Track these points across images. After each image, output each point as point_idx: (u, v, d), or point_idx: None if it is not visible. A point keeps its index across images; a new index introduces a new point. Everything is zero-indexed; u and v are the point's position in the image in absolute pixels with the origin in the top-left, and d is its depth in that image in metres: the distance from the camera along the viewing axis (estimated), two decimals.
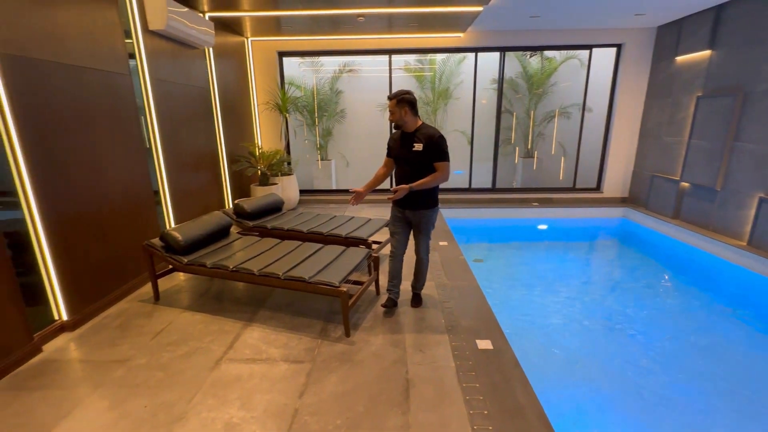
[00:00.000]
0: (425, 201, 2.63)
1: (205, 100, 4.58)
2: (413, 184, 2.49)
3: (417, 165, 2.54)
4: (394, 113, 2.52)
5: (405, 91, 2.52)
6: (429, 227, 2.72)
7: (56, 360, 2.34)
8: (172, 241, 2.88)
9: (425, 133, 2.52)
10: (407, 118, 2.52)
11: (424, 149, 2.49)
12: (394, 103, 2.50)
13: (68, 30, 2.63)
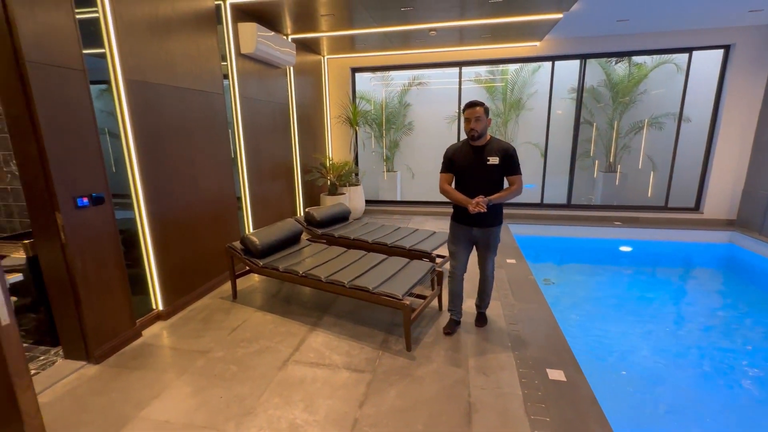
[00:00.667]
0: (496, 217, 2.54)
1: (283, 114, 4.95)
2: (492, 197, 2.38)
3: (489, 179, 2.44)
4: (481, 122, 2.35)
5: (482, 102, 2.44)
6: (496, 244, 2.62)
7: (152, 345, 2.65)
8: (250, 245, 3.13)
9: (499, 146, 2.42)
10: (487, 130, 2.44)
11: (500, 163, 2.39)
12: (481, 111, 2.35)
13: (177, 57, 3.03)
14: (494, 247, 2.62)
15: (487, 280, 2.71)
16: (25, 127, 2.07)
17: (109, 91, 2.59)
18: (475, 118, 2.35)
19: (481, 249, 2.63)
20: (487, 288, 2.74)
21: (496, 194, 2.41)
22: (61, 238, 2.20)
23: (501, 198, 2.41)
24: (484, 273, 2.69)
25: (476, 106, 2.36)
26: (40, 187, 2.15)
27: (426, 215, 6.44)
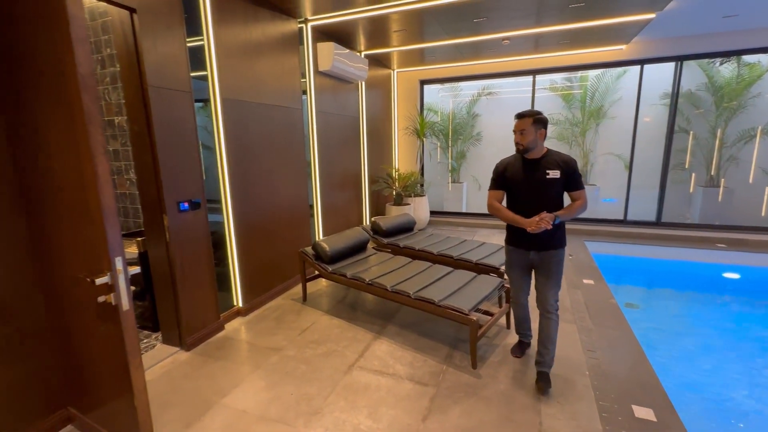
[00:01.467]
0: (557, 239, 2.20)
1: (354, 127, 5.16)
2: (558, 213, 2.10)
3: (547, 195, 2.15)
4: (528, 134, 2.12)
5: (537, 111, 2.18)
6: (560, 272, 2.22)
7: (232, 338, 2.90)
8: (321, 251, 3.29)
9: (559, 158, 2.16)
10: (540, 142, 2.16)
11: (561, 176, 2.12)
12: (528, 122, 2.11)
13: (264, 76, 3.34)
14: (556, 276, 2.21)
15: (548, 321, 2.22)
16: (144, 141, 2.42)
17: (204, 109, 2.93)
18: (520, 131, 2.14)
19: (539, 277, 2.26)
20: (550, 333, 2.22)
21: (563, 210, 2.13)
22: (166, 237, 2.52)
23: (569, 214, 2.12)
24: (544, 309, 2.24)
25: (522, 117, 2.15)
26: (152, 192, 2.49)
27: (492, 228, 6.22)
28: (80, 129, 1.40)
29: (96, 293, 1.54)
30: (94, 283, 1.48)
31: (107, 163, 1.46)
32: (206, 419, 2.04)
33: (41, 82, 1.52)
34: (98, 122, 1.42)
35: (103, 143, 1.44)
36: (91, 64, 1.39)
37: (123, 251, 1.52)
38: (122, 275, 1.52)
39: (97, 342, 1.71)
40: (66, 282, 1.75)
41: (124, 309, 1.54)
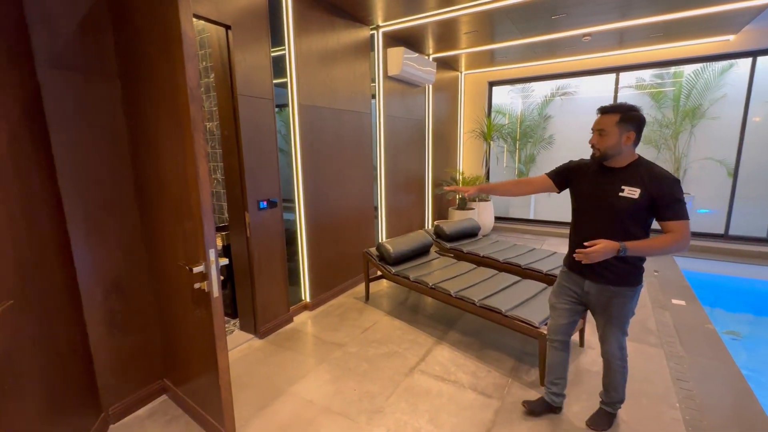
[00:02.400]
0: (625, 273, 1.69)
1: (420, 130, 5.17)
2: (629, 244, 1.57)
3: (617, 219, 1.66)
4: (609, 137, 1.62)
5: (633, 106, 1.64)
6: (624, 315, 1.75)
7: (300, 331, 3.06)
8: (384, 252, 3.35)
9: (649, 172, 1.61)
10: (626, 148, 1.63)
11: (643, 197, 1.59)
12: (612, 121, 1.62)
13: (337, 82, 3.49)
14: (618, 320, 1.76)
15: (612, 366, 1.85)
16: (232, 145, 2.67)
17: (280, 114, 3.15)
18: (598, 130, 1.66)
19: (597, 317, 1.84)
20: (613, 382, 1.87)
21: (640, 242, 1.58)
22: (247, 232, 2.75)
23: (646, 249, 1.58)
24: (606, 353, 1.86)
25: (606, 113, 1.66)
26: (237, 191, 2.73)
27: (563, 238, 5.83)
28: (186, 135, 1.59)
29: (192, 280, 1.73)
30: (192, 271, 1.67)
31: (206, 165, 1.63)
32: (277, 404, 2.18)
33: (157, 93, 1.75)
34: (201, 129, 1.60)
35: (204, 147, 1.61)
36: (197, 78, 1.57)
37: (216, 244, 1.70)
38: (214, 265, 1.69)
39: (190, 323, 1.92)
40: (168, 268, 1.99)
41: (214, 296, 1.71)
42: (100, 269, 1.95)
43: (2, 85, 1.44)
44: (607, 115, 1.66)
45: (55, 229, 1.72)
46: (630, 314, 1.77)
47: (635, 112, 1.63)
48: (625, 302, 1.73)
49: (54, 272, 1.68)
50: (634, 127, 1.63)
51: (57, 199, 1.75)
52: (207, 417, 1.94)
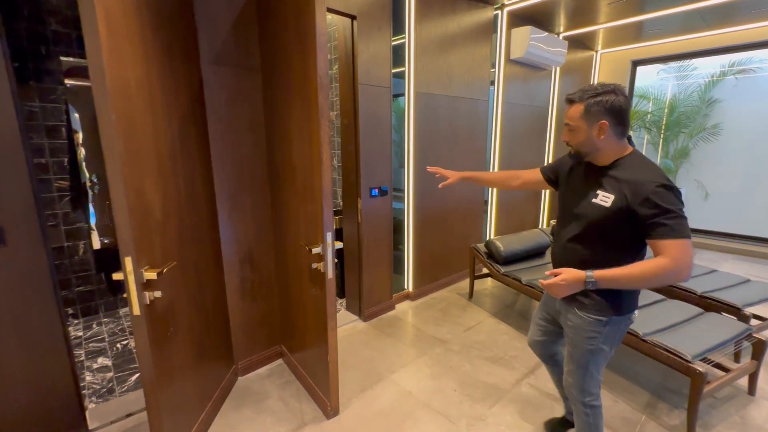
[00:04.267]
0: (598, 293, 1.33)
1: (541, 118, 4.67)
2: (599, 273, 1.24)
3: (585, 230, 1.33)
4: (578, 132, 1.32)
5: (605, 87, 1.27)
6: (588, 353, 1.39)
7: (401, 320, 3.08)
8: (494, 250, 3.13)
9: (632, 176, 1.23)
10: (603, 142, 1.29)
11: (617, 206, 1.24)
12: (576, 112, 1.31)
13: (454, 68, 3.33)
14: (579, 356, 1.41)
15: (575, 411, 1.51)
16: (350, 133, 2.77)
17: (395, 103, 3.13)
18: (566, 124, 1.36)
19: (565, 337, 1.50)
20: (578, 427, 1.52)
21: (615, 270, 1.23)
22: (358, 218, 2.85)
23: (623, 280, 1.22)
24: (568, 391, 1.52)
25: (571, 103, 1.34)
26: (351, 178, 2.84)
27: (726, 253, 4.69)
28: (314, 122, 1.66)
29: (310, 260, 1.84)
30: (311, 251, 1.77)
31: (330, 152, 1.70)
32: (377, 389, 2.22)
33: (291, 84, 1.88)
34: (327, 117, 1.66)
35: (328, 134, 1.67)
36: (326, 68, 1.62)
37: (333, 227, 1.76)
38: (330, 248, 1.76)
39: (305, 298, 2.06)
40: (290, 246, 2.16)
41: (328, 277, 1.79)
42: (238, 242, 2.22)
43: (177, 80, 1.70)
44: (572, 105, 1.33)
45: (208, 204, 2.00)
46: (598, 353, 1.39)
47: (603, 96, 1.26)
48: (589, 335, 1.37)
49: (205, 241, 1.96)
50: (606, 115, 1.26)
51: (210, 179, 2.04)
52: (315, 388, 2.08)
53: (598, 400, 1.46)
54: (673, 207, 1.16)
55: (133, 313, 1.38)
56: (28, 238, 1.56)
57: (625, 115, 1.28)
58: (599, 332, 1.35)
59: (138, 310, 1.38)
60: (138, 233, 1.37)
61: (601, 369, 1.44)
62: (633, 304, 1.37)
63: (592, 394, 1.45)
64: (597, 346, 1.37)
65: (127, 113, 1.32)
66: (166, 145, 1.60)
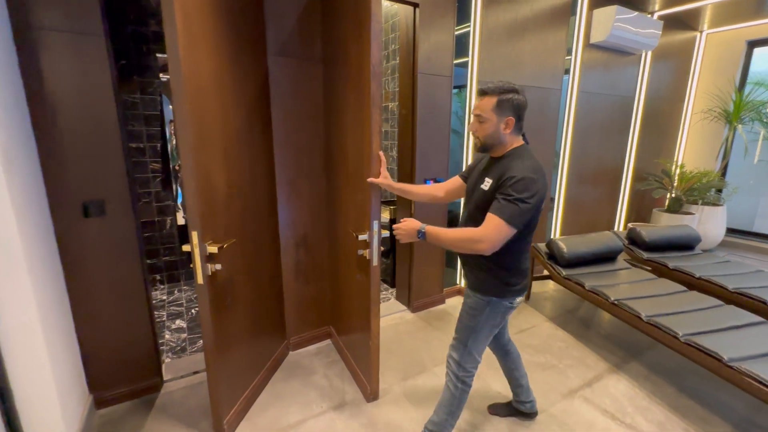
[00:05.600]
0: (479, 279, 1.51)
1: (624, 109, 4.20)
2: (430, 228, 1.46)
3: (473, 212, 1.48)
4: (488, 123, 1.40)
5: (512, 86, 1.38)
6: (468, 327, 1.54)
7: (451, 314, 3.03)
8: (556, 251, 2.92)
9: (509, 165, 1.37)
10: (506, 136, 1.40)
11: (491, 188, 1.39)
12: (489, 104, 1.38)
13: (524, 56, 3.13)
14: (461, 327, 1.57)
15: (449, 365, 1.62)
16: (407, 123, 2.76)
17: (458, 95, 3.03)
18: (477, 116, 1.43)
19: None
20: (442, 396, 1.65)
21: (442, 229, 1.44)
22: (411, 209, 2.84)
23: (443, 237, 1.42)
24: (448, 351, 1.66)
25: (483, 95, 1.41)
26: (407, 168, 2.83)
27: None
28: (366, 110, 1.68)
29: (357, 247, 1.88)
30: (358, 238, 1.81)
31: (380, 141, 1.71)
32: (419, 379, 2.23)
33: (348, 73, 1.93)
34: (379, 106, 1.67)
35: (379, 124, 1.68)
36: (380, 56, 1.63)
37: (380, 216, 1.79)
38: (376, 236, 1.79)
39: (352, 283, 2.13)
40: (341, 232, 2.23)
41: (373, 264, 1.82)
42: (295, 226, 2.35)
43: (245, 72, 1.84)
44: (485, 97, 1.40)
45: (268, 188, 2.15)
46: (478, 331, 1.52)
47: (514, 94, 1.38)
48: (471, 310, 1.53)
49: (264, 223, 2.11)
50: (512, 112, 1.39)
51: (272, 165, 2.18)
52: (358, 371, 2.15)
53: (471, 379, 1.58)
54: (514, 193, 1.28)
55: (197, 281, 1.54)
56: (122, 211, 1.83)
57: (524, 114, 1.42)
58: (480, 311, 1.50)
59: (201, 279, 1.54)
60: (204, 211, 1.52)
61: (481, 350, 1.56)
62: (513, 289, 1.48)
63: (467, 371, 1.56)
64: (477, 324, 1.51)
65: (199, 103, 1.47)
66: (232, 133, 1.75)
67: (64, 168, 1.67)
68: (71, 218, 1.72)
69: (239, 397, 1.90)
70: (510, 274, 1.45)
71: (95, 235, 1.78)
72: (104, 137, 1.73)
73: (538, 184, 1.30)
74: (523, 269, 1.49)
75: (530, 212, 1.30)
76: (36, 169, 1.59)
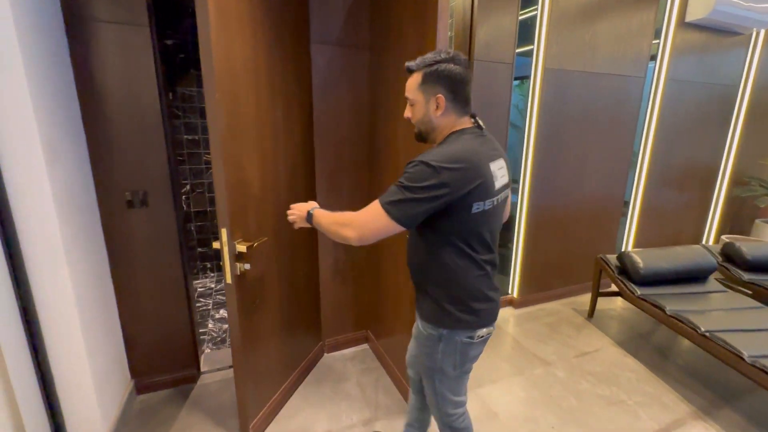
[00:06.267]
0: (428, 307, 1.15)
1: (724, 101, 3.55)
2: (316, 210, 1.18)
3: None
4: (417, 106, 1.11)
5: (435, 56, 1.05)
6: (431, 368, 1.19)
7: (499, 327, 2.76)
8: (630, 265, 2.51)
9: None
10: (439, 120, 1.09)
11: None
12: (415, 84, 1.09)
13: (600, 39, 2.72)
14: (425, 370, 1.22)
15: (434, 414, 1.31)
16: None
17: (520, 87, 2.71)
18: (406, 98, 1.12)
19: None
20: None
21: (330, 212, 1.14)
22: None
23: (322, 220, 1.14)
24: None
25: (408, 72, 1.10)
26: None
27: None
28: None
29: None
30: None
31: None
32: None
33: (403, 59, 1.75)
34: None
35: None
36: (447, 37, 1.43)
37: None
38: None
39: (399, 288, 1.96)
40: None
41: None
42: None
43: (285, 59, 1.73)
44: (411, 75, 1.10)
45: (307, 182, 2.05)
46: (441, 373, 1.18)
47: (441, 64, 1.04)
48: (425, 348, 1.19)
49: None
50: (442, 87, 1.05)
51: (311, 158, 2.08)
52: (402, 381, 1.99)
53: (460, 421, 1.27)
54: (404, 181, 1.00)
55: (225, 281, 1.48)
56: (164, 202, 1.83)
57: (463, 88, 1.07)
58: (434, 348, 1.16)
59: (230, 279, 1.47)
60: (234, 207, 1.44)
61: (457, 389, 1.22)
62: (464, 320, 1.11)
63: (450, 414, 1.25)
64: (436, 365, 1.18)
65: (231, 91, 1.38)
66: (268, 123, 1.66)
67: (111, 159, 1.70)
68: (116, 209, 1.74)
69: (269, 399, 1.83)
70: (453, 300, 1.10)
71: (138, 225, 1.80)
72: (148, 129, 1.73)
73: (443, 175, 0.95)
74: (472, 293, 1.10)
75: (421, 207, 0.98)
76: (84, 161, 1.62)
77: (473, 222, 1.03)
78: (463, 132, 1.08)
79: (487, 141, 1.09)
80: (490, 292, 1.13)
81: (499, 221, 1.14)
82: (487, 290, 1.12)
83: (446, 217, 1.02)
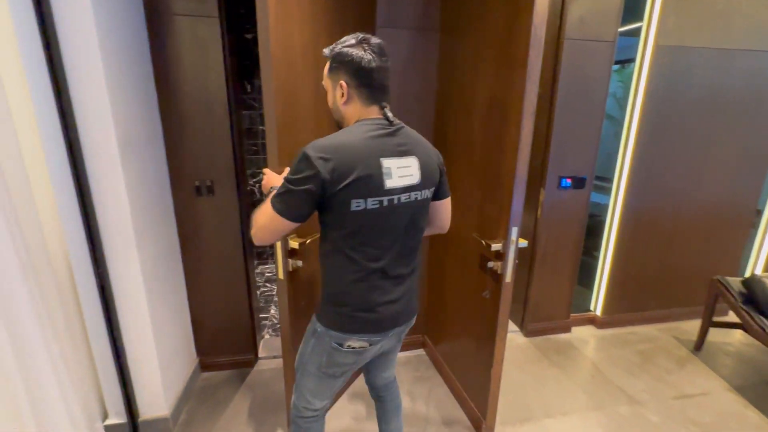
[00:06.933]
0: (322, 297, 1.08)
1: None
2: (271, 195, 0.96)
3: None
4: (328, 93, 1.03)
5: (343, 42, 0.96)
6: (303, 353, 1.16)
7: (577, 349, 2.41)
8: (761, 294, 1.99)
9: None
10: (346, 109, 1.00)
11: None
12: (326, 69, 1.02)
13: (736, 6, 2.16)
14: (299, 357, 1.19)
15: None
16: (542, 105, 2.20)
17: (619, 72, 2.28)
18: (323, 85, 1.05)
19: None
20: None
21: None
22: (537, 212, 2.30)
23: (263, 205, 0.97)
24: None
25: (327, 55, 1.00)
26: (536, 162, 2.28)
27: None
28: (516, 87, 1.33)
29: (486, 256, 1.56)
30: (490, 247, 1.48)
31: (532, 126, 1.34)
32: (521, 429, 1.78)
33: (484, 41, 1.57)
34: (536, 81, 1.28)
35: (534, 105, 1.31)
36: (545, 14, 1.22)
37: (520, 221, 1.44)
38: (513, 246, 1.45)
39: (466, 295, 1.79)
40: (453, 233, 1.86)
41: (506, 280, 1.49)
42: None
43: None
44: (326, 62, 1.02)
45: None
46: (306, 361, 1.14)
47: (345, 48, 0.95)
48: (306, 337, 1.15)
49: None
50: (344, 73, 0.96)
51: None
52: (465, 397, 1.85)
53: (304, 423, 1.21)
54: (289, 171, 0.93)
55: (278, 277, 1.44)
56: (228, 191, 1.87)
57: (370, 75, 0.94)
58: (308, 340, 1.14)
59: (282, 275, 1.43)
60: None
61: (314, 390, 1.16)
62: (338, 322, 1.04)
63: (299, 410, 1.21)
64: (305, 353, 1.15)
65: (288, 79, 1.32)
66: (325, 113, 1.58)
67: (183, 149, 1.77)
68: (186, 197, 1.83)
69: None
70: (329, 297, 1.05)
71: (204, 213, 1.87)
72: (216, 120, 1.77)
73: (315, 166, 0.86)
74: (350, 296, 1.01)
75: (300, 199, 0.89)
76: (160, 151, 1.71)
77: (353, 221, 0.94)
78: (362, 123, 0.97)
79: (395, 135, 0.98)
80: (374, 302, 1.02)
81: (398, 227, 1.00)
82: (369, 299, 1.02)
83: (328, 212, 0.95)
